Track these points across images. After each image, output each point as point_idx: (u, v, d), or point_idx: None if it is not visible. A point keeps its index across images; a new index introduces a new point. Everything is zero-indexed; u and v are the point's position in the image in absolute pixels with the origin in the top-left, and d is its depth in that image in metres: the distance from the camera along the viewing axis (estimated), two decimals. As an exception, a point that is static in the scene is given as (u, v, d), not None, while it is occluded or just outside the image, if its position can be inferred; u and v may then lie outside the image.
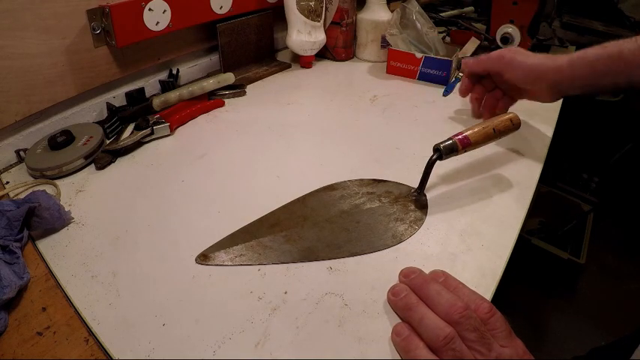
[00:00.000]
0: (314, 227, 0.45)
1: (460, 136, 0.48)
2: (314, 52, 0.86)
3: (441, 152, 0.47)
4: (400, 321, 0.35)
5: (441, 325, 0.31)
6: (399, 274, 0.38)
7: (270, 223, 0.46)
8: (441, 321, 0.32)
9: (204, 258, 0.42)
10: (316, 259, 0.41)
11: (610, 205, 1.59)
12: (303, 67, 0.88)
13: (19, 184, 0.52)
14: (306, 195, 0.50)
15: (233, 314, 0.36)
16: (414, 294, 0.35)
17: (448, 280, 0.36)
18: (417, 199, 0.48)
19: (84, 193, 0.51)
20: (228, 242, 0.43)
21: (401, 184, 0.51)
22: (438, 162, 0.48)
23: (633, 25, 1.10)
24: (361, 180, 0.52)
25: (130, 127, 0.65)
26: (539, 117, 0.67)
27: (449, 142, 0.47)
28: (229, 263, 0.41)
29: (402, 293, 0.35)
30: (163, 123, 0.62)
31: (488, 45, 0.94)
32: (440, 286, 0.35)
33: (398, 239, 0.44)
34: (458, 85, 0.79)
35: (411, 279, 0.37)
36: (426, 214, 0.47)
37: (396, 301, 0.35)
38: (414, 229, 0.45)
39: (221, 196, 0.50)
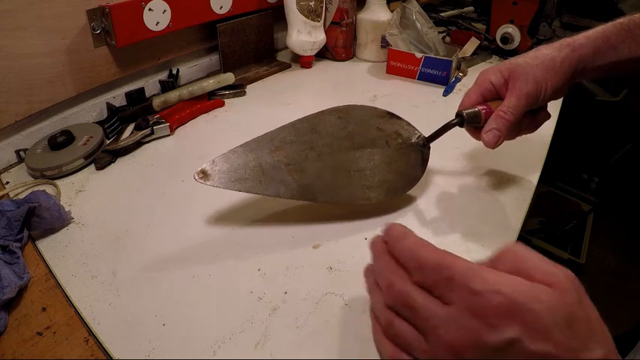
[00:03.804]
0: (317, 161, 0.43)
1: (485, 108, 0.44)
2: (314, 52, 0.86)
3: (463, 118, 0.44)
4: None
5: (382, 313, 0.27)
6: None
7: (274, 146, 0.42)
8: (383, 307, 0.28)
9: (203, 175, 0.39)
10: (313, 200, 0.41)
11: (610, 205, 1.59)
12: (303, 67, 0.88)
13: (19, 184, 0.52)
14: (317, 114, 0.47)
15: (233, 314, 0.36)
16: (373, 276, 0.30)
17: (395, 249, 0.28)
18: (422, 151, 0.47)
19: (84, 193, 0.51)
20: (229, 159, 0.40)
21: (411, 125, 0.49)
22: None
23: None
24: (375, 108, 0.50)
25: (130, 127, 0.64)
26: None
27: (473, 109, 0.44)
28: (229, 188, 0.39)
29: (367, 274, 0.31)
30: (163, 123, 0.62)
31: (488, 45, 0.94)
32: (384, 262, 0.28)
33: (392, 195, 0.45)
34: (458, 85, 0.79)
35: (373, 250, 0.30)
36: (422, 172, 0.47)
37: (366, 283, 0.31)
38: (406, 189, 0.47)
39: (221, 196, 0.50)
